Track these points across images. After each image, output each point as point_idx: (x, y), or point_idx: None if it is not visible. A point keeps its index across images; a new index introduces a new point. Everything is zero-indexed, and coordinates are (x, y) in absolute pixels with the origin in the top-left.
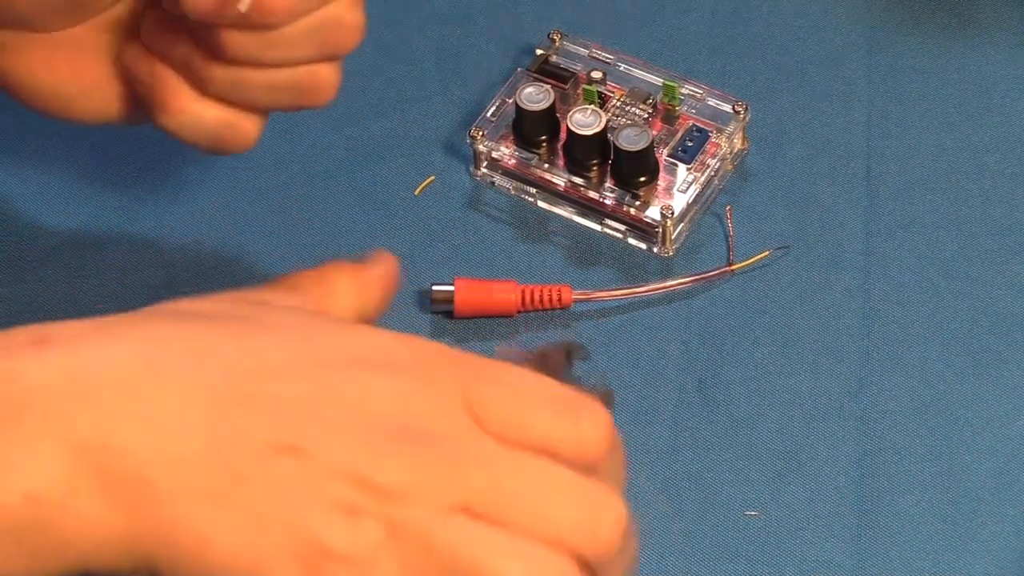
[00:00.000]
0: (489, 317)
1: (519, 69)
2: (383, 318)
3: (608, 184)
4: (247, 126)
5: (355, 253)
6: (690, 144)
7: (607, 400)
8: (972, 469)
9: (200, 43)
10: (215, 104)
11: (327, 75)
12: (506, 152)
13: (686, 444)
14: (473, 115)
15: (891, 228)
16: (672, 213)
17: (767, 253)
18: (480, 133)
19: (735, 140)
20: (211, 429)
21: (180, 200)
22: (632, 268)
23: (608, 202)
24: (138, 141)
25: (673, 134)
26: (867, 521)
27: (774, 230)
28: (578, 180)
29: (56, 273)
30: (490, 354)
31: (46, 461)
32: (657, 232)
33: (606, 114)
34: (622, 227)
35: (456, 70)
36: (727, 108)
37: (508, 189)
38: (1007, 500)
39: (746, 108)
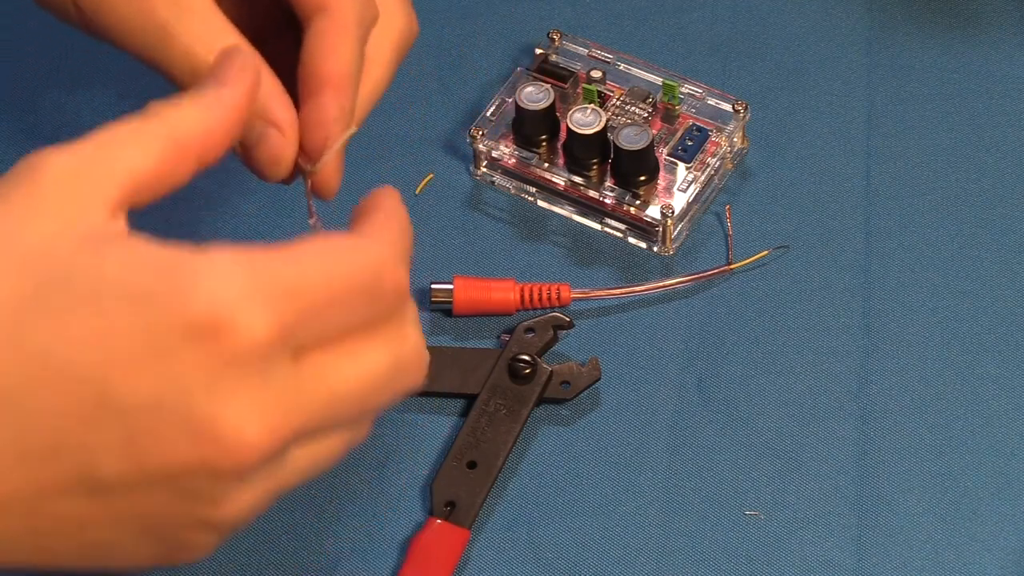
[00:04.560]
0: (488, 315)
1: (519, 68)
2: None
3: (608, 183)
4: None
5: None
6: (690, 143)
7: (594, 365)
8: (972, 469)
9: None
10: None
11: None
12: (506, 151)
13: (686, 444)
14: (473, 114)
15: (891, 228)
16: (672, 212)
17: (766, 252)
18: (480, 132)
19: (735, 139)
20: None
21: (178, 197)
22: (632, 267)
23: (608, 201)
24: None
25: (673, 133)
26: (867, 521)
27: (773, 229)
28: (578, 179)
29: None
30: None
31: None
32: (657, 231)
33: (606, 113)
34: (622, 226)
35: (456, 70)
36: (727, 107)
37: (508, 188)
38: (1007, 500)
39: (746, 107)
